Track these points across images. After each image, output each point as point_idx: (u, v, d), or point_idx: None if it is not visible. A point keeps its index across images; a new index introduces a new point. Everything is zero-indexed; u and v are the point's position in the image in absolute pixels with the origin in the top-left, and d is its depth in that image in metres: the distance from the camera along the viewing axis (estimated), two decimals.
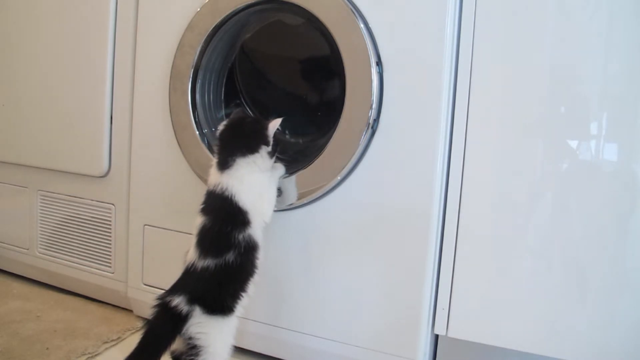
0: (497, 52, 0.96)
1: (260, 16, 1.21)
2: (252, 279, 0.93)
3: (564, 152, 0.94)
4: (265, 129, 0.96)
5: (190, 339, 0.85)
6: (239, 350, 1.06)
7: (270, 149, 0.96)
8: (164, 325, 0.86)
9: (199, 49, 1.16)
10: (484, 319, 1.00)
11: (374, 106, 0.99)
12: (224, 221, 0.91)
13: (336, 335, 1.07)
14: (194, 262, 0.89)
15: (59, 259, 1.46)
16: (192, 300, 0.86)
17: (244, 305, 0.92)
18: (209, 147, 1.15)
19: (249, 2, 1.10)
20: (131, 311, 1.37)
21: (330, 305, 1.08)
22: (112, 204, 1.36)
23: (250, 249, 0.91)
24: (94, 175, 1.36)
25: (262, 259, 0.95)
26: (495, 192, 0.98)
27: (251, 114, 1.31)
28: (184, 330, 0.85)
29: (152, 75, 1.24)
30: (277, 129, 0.97)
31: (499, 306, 0.98)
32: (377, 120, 1.01)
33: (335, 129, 1.03)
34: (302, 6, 1.05)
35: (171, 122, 1.20)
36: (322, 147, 1.05)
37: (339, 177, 1.03)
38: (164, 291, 0.89)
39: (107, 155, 1.35)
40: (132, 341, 0.84)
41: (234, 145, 0.95)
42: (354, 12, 1.00)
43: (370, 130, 1.00)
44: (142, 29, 1.26)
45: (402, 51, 0.99)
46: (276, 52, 1.32)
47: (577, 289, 0.93)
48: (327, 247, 1.07)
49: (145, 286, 1.29)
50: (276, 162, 1.01)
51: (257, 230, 0.93)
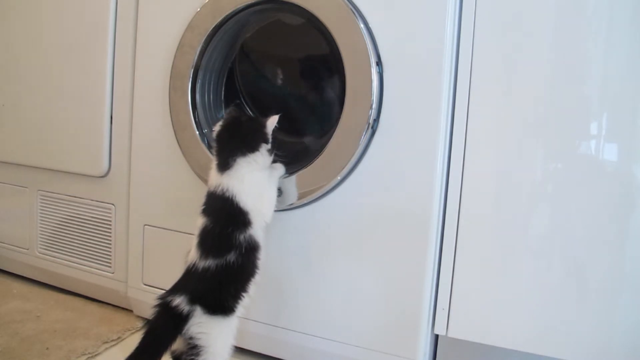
0: (497, 51, 0.96)
1: (260, 16, 1.21)
2: (253, 279, 0.93)
3: (564, 152, 0.94)
4: (263, 126, 0.96)
5: (190, 339, 0.86)
6: (239, 350, 1.06)
7: (269, 146, 0.96)
8: (165, 325, 0.86)
9: (199, 49, 1.16)
10: (484, 319, 1.00)
11: (374, 106, 1.00)
12: (225, 222, 0.91)
13: (336, 335, 1.08)
14: (195, 263, 0.90)
15: (59, 259, 1.46)
16: (193, 300, 0.86)
17: (244, 305, 0.92)
18: (209, 147, 1.15)
19: (249, 2, 1.10)
20: (131, 311, 1.37)
21: (330, 305, 1.08)
22: (112, 204, 1.36)
23: (251, 250, 0.91)
24: (94, 175, 1.36)
25: (263, 259, 0.95)
26: (495, 192, 0.98)
27: (249, 112, 1.31)
28: (184, 330, 0.85)
29: (152, 75, 1.24)
30: (275, 125, 0.97)
31: (499, 306, 0.98)
32: (377, 120, 1.01)
33: (335, 129, 1.03)
34: (302, 6, 1.05)
35: (171, 122, 1.20)
36: (322, 147, 1.05)
37: (339, 177, 1.03)
38: (164, 291, 0.89)
39: (107, 155, 1.35)
40: (132, 341, 0.84)
41: (233, 145, 0.95)
42: (354, 12, 1.00)
43: (370, 130, 1.00)
44: (142, 29, 1.26)
45: (402, 51, 0.99)
46: (276, 52, 1.32)
47: (577, 289, 0.93)
48: (327, 247, 1.07)
49: (145, 286, 1.29)
50: (276, 161, 1.01)
51: (258, 230, 0.93)
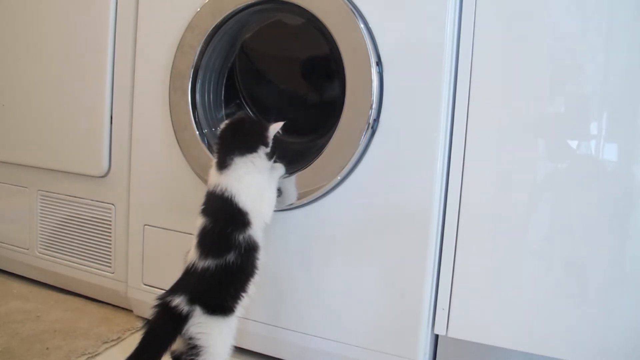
0: (497, 51, 0.96)
1: (260, 16, 1.21)
2: (252, 280, 0.93)
3: (564, 152, 0.94)
4: (265, 130, 0.96)
5: (190, 339, 0.86)
6: (239, 350, 1.06)
7: (268, 150, 0.96)
8: (165, 325, 0.86)
9: (199, 49, 1.16)
10: (484, 319, 1.00)
11: (374, 106, 1.00)
12: (224, 222, 0.91)
13: (336, 335, 1.07)
14: (195, 263, 0.90)
15: (59, 259, 1.46)
16: (193, 300, 0.86)
17: (244, 305, 0.92)
18: (209, 147, 1.15)
19: (249, 2, 1.10)
20: (131, 311, 1.37)
21: (330, 305, 1.08)
22: (112, 204, 1.36)
23: (250, 250, 0.91)
24: (94, 175, 1.36)
25: (262, 259, 0.95)
26: (495, 192, 0.98)
27: (249, 112, 1.31)
28: (184, 330, 0.85)
29: (152, 75, 1.24)
30: (278, 132, 0.97)
31: (499, 306, 0.98)
32: (377, 120, 1.01)
33: (335, 129, 1.03)
34: (302, 6, 1.05)
35: (171, 122, 1.20)
36: (322, 147, 1.05)
37: (339, 177, 1.03)
38: (164, 291, 0.89)
39: (107, 155, 1.35)
40: (132, 341, 0.84)
41: (233, 144, 0.96)
42: (354, 12, 1.00)
43: (370, 130, 1.00)
44: (142, 29, 1.26)
45: (402, 51, 0.99)
46: (276, 52, 1.32)
47: (577, 289, 0.93)
48: (327, 247, 1.07)
49: (145, 286, 1.29)
50: (276, 161, 1.01)
51: (257, 230, 0.93)
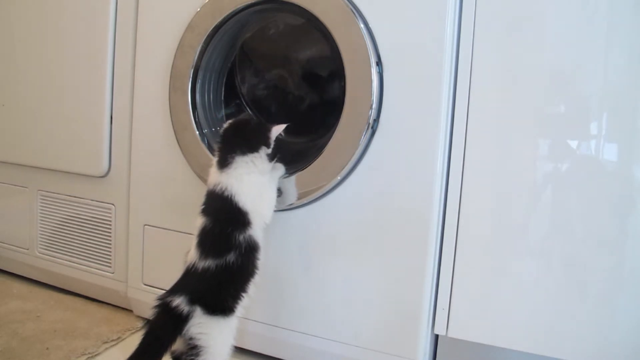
0: (497, 52, 0.96)
1: (260, 16, 1.21)
2: (252, 280, 0.93)
3: (564, 152, 0.94)
4: (268, 131, 0.96)
5: (190, 339, 0.86)
6: (239, 350, 1.06)
7: (269, 151, 0.96)
8: (165, 325, 0.86)
9: (199, 49, 1.16)
10: (484, 319, 1.00)
11: (374, 106, 0.99)
12: (224, 222, 0.91)
13: (336, 335, 1.07)
14: (195, 263, 0.90)
15: (59, 259, 1.46)
16: (193, 300, 0.86)
17: (244, 305, 0.92)
18: (209, 147, 1.15)
19: (249, 2, 1.10)
20: (131, 311, 1.37)
21: (330, 305, 1.08)
22: (112, 204, 1.36)
23: (250, 250, 0.91)
24: (94, 175, 1.36)
25: (263, 259, 0.95)
26: (495, 192, 0.98)
27: (249, 112, 1.31)
28: (184, 330, 0.85)
29: (152, 75, 1.24)
30: (280, 134, 0.97)
31: (499, 306, 0.98)
32: (377, 120, 1.01)
33: (335, 129, 1.03)
34: (302, 6, 1.04)
35: (171, 122, 1.20)
36: (322, 147, 1.05)
37: (339, 177, 1.03)
38: (164, 291, 0.89)
39: (107, 155, 1.35)
40: (132, 341, 0.84)
41: (234, 143, 0.96)
42: (354, 12, 1.00)
43: (370, 130, 1.00)
44: (142, 29, 1.26)
45: (402, 51, 0.99)
46: (276, 52, 1.32)
47: (577, 289, 0.93)
48: (327, 247, 1.07)
49: (145, 286, 1.29)
50: (276, 162, 1.01)
51: (257, 230, 0.93)
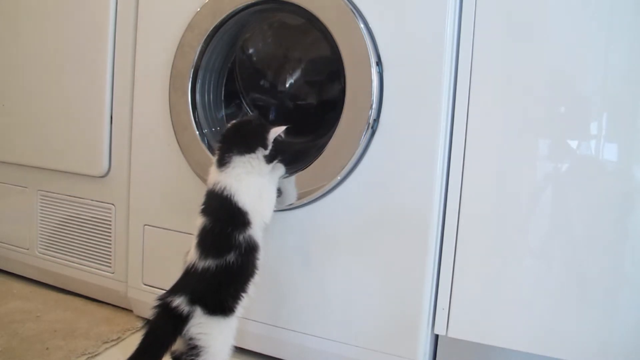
0: (497, 51, 0.96)
1: (260, 16, 1.21)
2: (252, 280, 0.93)
3: (564, 152, 0.94)
4: (266, 132, 0.95)
5: (191, 339, 0.85)
6: (239, 350, 1.06)
7: (267, 152, 0.95)
8: (165, 325, 0.86)
9: (199, 49, 1.16)
10: (484, 319, 1.00)
11: (374, 106, 0.99)
12: (224, 222, 0.91)
13: (336, 335, 1.07)
14: (195, 263, 0.89)
15: (59, 259, 1.46)
16: (193, 300, 0.86)
17: (244, 305, 0.92)
18: (209, 147, 1.15)
19: (249, 2, 1.10)
20: (131, 311, 1.37)
21: (330, 305, 1.08)
22: (112, 204, 1.36)
23: (250, 250, 0.91)
24: (94, 175, 1.36)
25: (262, 259, 0.95)
26: (495, 192, 0.98)
27: (249, 112, 1.31)
28: (184, 330, 0.85)
29: (152, 75, 1.24)
30: (280, 136, 0.96)
31: (499, 306, 0.98)
32: (377, 120, 1.01)
33: (335, 129, 1.03)
34: (302, 6, 1.04)
35: (171, 122, 1.20)
36: (322, 147, 1.05)
37: (339, 177, 1.03)
38: (164, 291, 0.89)
39: (107, 155, 1.34)
40: (132, 341, 0.84)
41: (233, 142, 0.96)
42: (354, 12, 1.00)
43: (370, 130, 1.00)
44: (142, 29, 1.26)
45: (402, 51, 0.99)
46: (276, 52, 1.32)
47: (577, 289, 0.93)
48: (327, 247, 1.07)
49: (145, 286, 1.29)
50: (276, 162, 1.01)
51: (257, 230, 0.93)
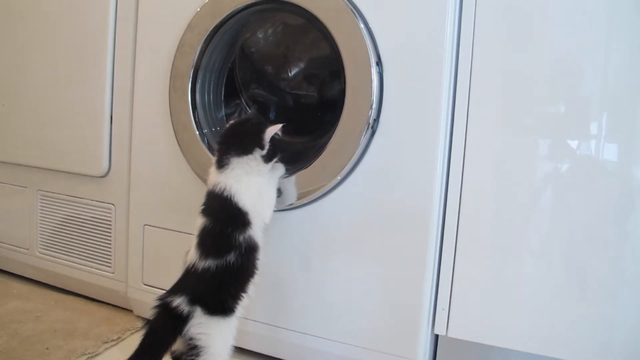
0: (497, 52, 0.96)
1: (260, 16, 1.21)
2: (252, 280, 0.93)
3: (564, 152, 0.94)
4: (262, 132, 0.94)
5: (191, 339, 0.85)
6: (239, 350, 1.06)
7: (264, 152, 0.94)
8: (165, 325, 0.86)
9: (199, 49, 1.16)
10: (484, 319, 1.00)
11: (374, 106, 0.99)
12: (224, 222, 0.91)
13: (336, 335, 1.08)
14: (195, 263, 0.89)
15: (59, 259, 1.46)
16: (193, 301, 0.86)
17: (244, 305, 0.92)
18: (209, 147, 1.15)
19: (249, 2, 1.10)
20: (131, 311, 1.37)
21: (330, 305, 1.08)
22: (112, 204, 1.36)
23: (250, 250, 0.91)
24: (94, 175, 1.36)
25: (262, 259, 0.95)
26: (495, 192, 0.98)
27: (257, 115, 1.31)
28: (184, 330, 0.85)
29: (152, 75, 1.24)
30: (277, 134, 0.95)
31: (499, 306, 0.98)
32: (377, 120, 1.01)
33: (335, 129, 1.03)
34: (302, 6, 1.04)
35: (171, 122, 1.20)
36: (322, 147, 1.05)
37: (339, 177, 1.03)
38: (164, 291, 0.89)
39: (107, 155, 1.35)
40: (132, 341, 0.84)
41: (230, 144, 0.96)
42: (354, 12, 1.00)
43: (370, 130, 1.00)
44: (142, 29, 1.26)
45: (402, 51, 0.99)
46: (276, 52, 1.32)
47: (577, 288, 0.93)
48: (327, 247, 1.07)
49: (145, 286, 1.29)
50: (276, 162, 1.01)
51: (257, 231, 0.93)
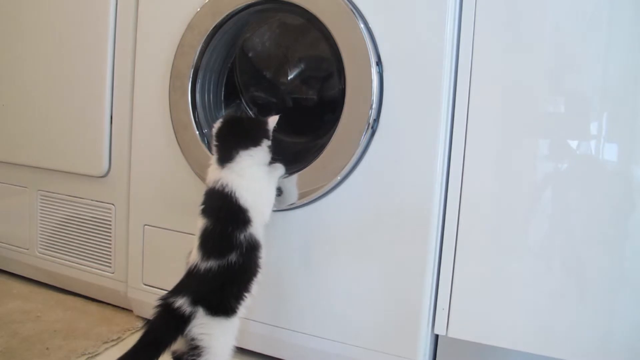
0: (497, 52, 0.96)
1: (260, 16, 1.21)
2: (255, 279, 0.92)
3: (564, 152, 0.94)
4: (266, 124, 0.99)
5: (192, 339, 0.85)
6: (240, 350, 1.06)
7: (270, 142, 0.99)
8: (166, 326, 0.86)
9: (199, 49, 1.16)
10: (484, 319, 1.00)
11: (374, 106, 1.00)
12: (225, 221, 0.91)
13: (336, 335, 1.08)
14: (197, 264, 0.89)
15: (59, 259, 1.46)
16: (196, 301, 0.86)
17: (247, 305, 0.92)
18: (209, 147, 1.15)
19: (249, 2, 1.10)
20: (131, 311, 1.37)
21: (330, 305, 1.08)
22: (112, 204, 1.36)
23: (252, 249, 0.91)
24: (94, 175, 1.36)
25: (264, 258, 0.95)
26: (495, 192, 0.98)
27: (249, 112, 1.31)
28: (186, 331, 0.85)
29: (152, 75, 1.24)
30: (274, 126, 1.00)
31: (499, 306, 0.98)
32: (377, 120, 1.01)
33: (335, 129, 1.03)
34: (302, 6, 1.05)
35: (171, 122, 1.20)
36: (322, 147, 1.05)
37: (339, 177, 1.03)
38: (167, 292, 0.89)
39: (107, 155, 1.34)
40: (132, 341, 0.84)
41: (236, 139, 0.97)
42: (354, 12, 1.00)
43: (370, 130, 1.00)
44: (142, 29, 1.26)
45: (402, 51, 0.99)
46: (276, 52, 1.32)
47: (576, 288, 0.93)
48: (328, 247, 1.07)
49: (145, 286, 1.29)
50: (276, 161, 1.02)
51: (258, 229, 0.93)
